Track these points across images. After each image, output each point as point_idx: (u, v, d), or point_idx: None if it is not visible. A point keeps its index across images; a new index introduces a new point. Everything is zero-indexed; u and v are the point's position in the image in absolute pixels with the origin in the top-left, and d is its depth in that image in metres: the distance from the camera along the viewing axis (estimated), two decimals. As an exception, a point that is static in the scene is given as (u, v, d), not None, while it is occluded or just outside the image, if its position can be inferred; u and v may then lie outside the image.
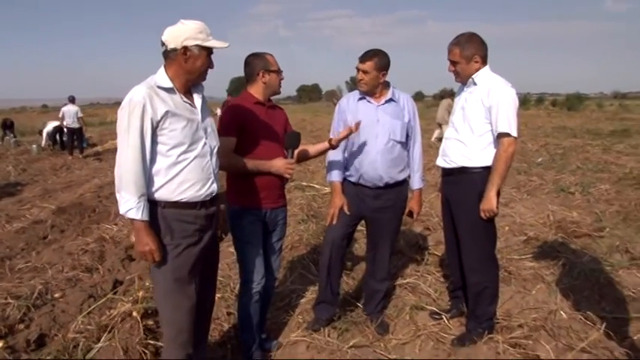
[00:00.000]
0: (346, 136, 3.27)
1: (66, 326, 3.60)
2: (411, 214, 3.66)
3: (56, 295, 4.21)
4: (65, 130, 15.69)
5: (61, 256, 5.26)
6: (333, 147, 3.34)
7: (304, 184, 8.75)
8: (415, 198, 3.65)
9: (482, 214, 3.26)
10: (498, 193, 3.27)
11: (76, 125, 15.26)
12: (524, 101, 69.47)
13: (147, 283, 4.17)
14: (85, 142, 16.67)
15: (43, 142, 17.35)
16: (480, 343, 3.33)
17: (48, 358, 3.13)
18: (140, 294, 3.78)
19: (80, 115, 15.39)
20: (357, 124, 3.25)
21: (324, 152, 3.44)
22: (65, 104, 15.66)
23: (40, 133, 18.29)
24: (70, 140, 15.46)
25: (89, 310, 3.77)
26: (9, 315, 3.79)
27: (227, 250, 4.73)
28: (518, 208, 7.12)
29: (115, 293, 4.18)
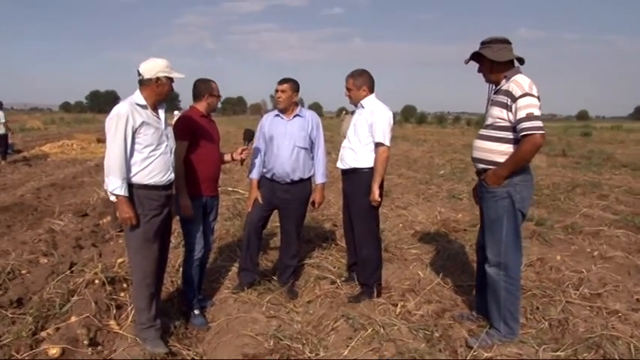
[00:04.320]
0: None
1: (38, 292, 4.41)
2: (314, 203, 4.73)
3: (23, 272, 4.95)
4: None
5: (16, 245, 5.86)
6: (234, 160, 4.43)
7: (230, 189, 9.77)
8: (318, 191, 4.70)
9: (370, 203, 4.42)
10: (381, 187, 4.46)
11: (1, 131, 15.24)
12: (440, 119, 73.12)
13: (100, 265, 5.03)
14: (10, 147, 16.67)
15: None
16: (365, 300, 4.46)
17: (31, 311, 3.94)
18: (99, 268, 4.67)
19: (3, 120, 15.33)
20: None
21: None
22: None
23: None
24: (-3, 146, 15.39)
25: (57, 279, 4.59)
26: (-13, 285, 4.53)
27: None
28: (413, 211, 8.39)
29: (72, 272, 4.98)
